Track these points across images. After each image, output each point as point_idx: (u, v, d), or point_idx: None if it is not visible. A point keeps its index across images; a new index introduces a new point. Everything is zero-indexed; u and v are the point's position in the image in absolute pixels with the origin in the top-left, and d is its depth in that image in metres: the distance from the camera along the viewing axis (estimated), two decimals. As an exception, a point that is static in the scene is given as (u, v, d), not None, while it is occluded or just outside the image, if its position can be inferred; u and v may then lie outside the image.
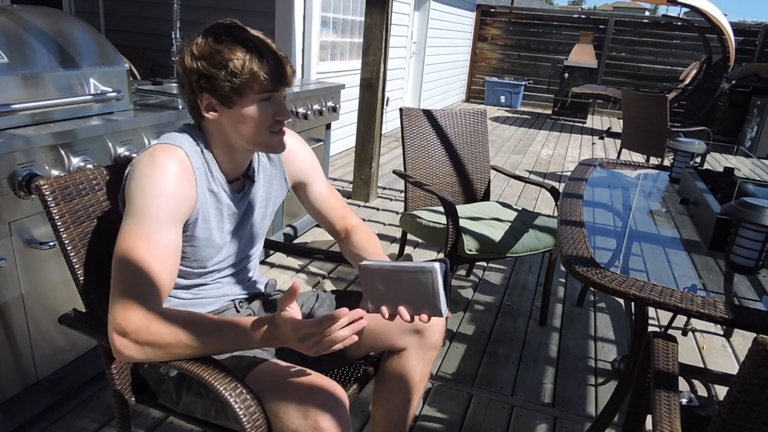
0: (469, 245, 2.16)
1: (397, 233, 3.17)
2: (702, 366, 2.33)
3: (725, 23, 7.67)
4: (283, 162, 1.33)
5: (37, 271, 1.66)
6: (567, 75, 9.46)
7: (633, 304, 1.58)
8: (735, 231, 1.41)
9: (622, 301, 2.85)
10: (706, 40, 8.35)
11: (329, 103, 3.32)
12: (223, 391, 1.00)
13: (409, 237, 2.62)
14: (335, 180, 4.78)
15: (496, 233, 2.27)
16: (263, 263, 3.01)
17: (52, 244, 1.64)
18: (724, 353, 2.44)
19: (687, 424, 1.22)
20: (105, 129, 1.78)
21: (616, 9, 25.12)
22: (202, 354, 1.04)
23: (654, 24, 10.21)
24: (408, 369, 1.34)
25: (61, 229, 1.16)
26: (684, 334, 2.55)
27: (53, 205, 1.16)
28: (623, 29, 10.07)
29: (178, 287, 1.23)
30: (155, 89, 2.53)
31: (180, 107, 2.14)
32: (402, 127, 2.59)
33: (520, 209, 2.66)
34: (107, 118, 1.85)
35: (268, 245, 1.57)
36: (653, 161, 5.16)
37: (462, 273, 3.05)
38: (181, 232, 1.11)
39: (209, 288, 1.27)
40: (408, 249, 2.71)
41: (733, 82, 7.98)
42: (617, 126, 8.72)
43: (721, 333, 2.59)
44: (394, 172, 2.66)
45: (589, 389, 2.15)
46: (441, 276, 1.03)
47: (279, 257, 3.09)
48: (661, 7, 10.33)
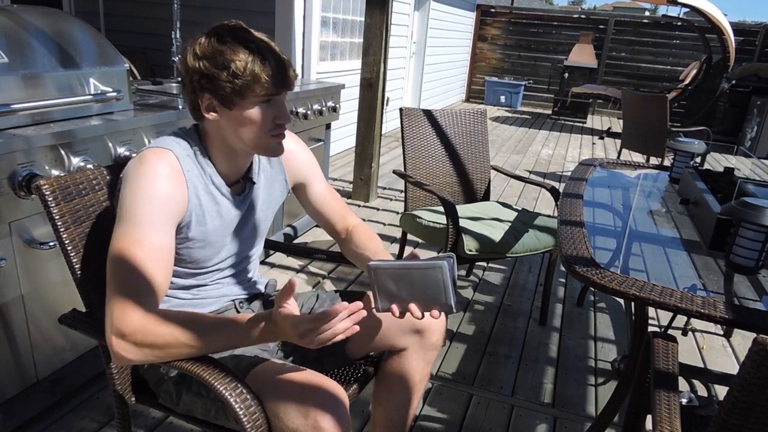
0: (469, 245, 2.16)
1: (397, 233, 3.17)
2: (702, 366, 2.33)
3: (725, 23, 7.67)
4: (283, 164, 1.33)
5: (37, 271, 1.66)
6: (567, 75, 9.46)
7: (633, 304, 1.58)
8: (735, 231, 1.41)
9: (622, 301, 2.85)
10: (706, 40, 8.35)
11: (329, 103, 3.32)
12: (223, 391, 1.01)
13: (409, 237, 2.62)
14: (335, 180, 4.78)
15: (496, 233, 2.27)
16: (263, 263, 3.01)
17: (52, 244, 1.64)
18: (724, 353, 2.44)
19: (687, 424, 1.22)
20: (105, 129, 1.78)
21: (616, 9, 25.13)
22: (201, 353, 1.04)
23: (654, 24, 10.22)
24: (408, 369, 1.34)
25: (61, 229, 1.17)
26: (684, 334, 2.55)
27: (53, 205, 1.16)
28: (623, 29, 10.07)
29: (177, 287, 1.23)
30: (155, 89, 2.53)
31: (180, 107, 2.13)
32: (402, 127, 2.59)
33: (520, 209, 2.66)
34: (107, 118, 1.85)
35: (268, 245, 1.57)
36: (653, 161, 5.16)
37: (462, 273, 3.05)
38: (174, 234, 1.11)
39: (209, 288, 1.27)
40: (408, 249, 2.71)
41: (733, 82, 7.98)
42: (617, 126, 8.72)
43: (721, 333, 2.59)
44: (394, 172, 2.66)
45: (589, 389, 2.15)
46: (449, 272, 1.03)
47: (279, 257, 3.09)
48: (661, 7, 10.33)
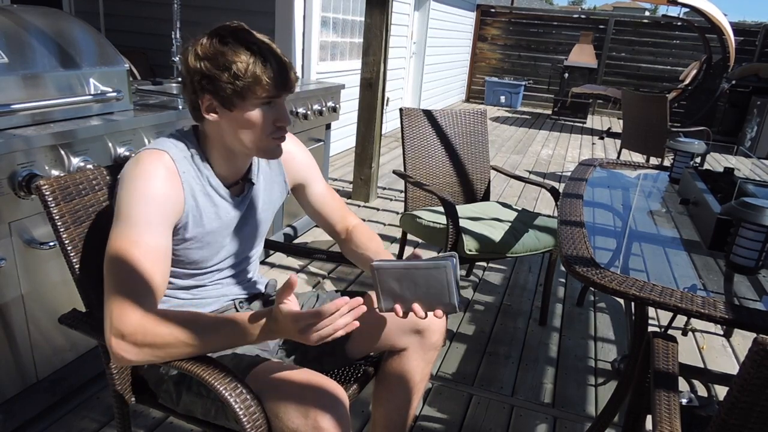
0: (469, 245, 2.16)
1: (397, 233, 3.17)
2: (702, 366, 2.33)
3: (725, 23, 7.67)
4: (282, 165, 1.33)
5: (37, 271, 1.66)
6: (567, 75, 9.46)
7: (633, 304, 1.58)
8: (735, 231, 1.41)
9: (622, 301, 2.85)
10: (706, 40, 8.35)
11: (329, 103, 3.32)
12: (223, 391, 1.01)
13: (409, 237, 2.62)
14: (335, 180, 4.78)
15: (496, 233, 2.27)
16: (263, 263, 3.01)
17: (52, 244, 1.64)
18: (724, 353, 2.44)
19: (687, 424, 1.22)
20: (105, 129, 1.78)
21: (616, 9, 25.13)
22: (201, 352, 1.04)
23: (654, 24, 10.22)
24: (408, 369, 1.34)
25: (61, 229, 1.17)
26: (684, 334, 2.55)
27: (53, 205, 1.16)
28: (623, 29, 10.07)
29: (177, 288, 1.23)
30: (155, 89, 2.53)
31: (180, 107, 2.13)
32: (402, 127, 2.59)
33: (520, 209, 2.66)
34: (107, 118, 1.85)
35: (268, 245, 1.57)
36: (653, 161, 5.16)
37: (462, 273, 3.05)
38: (171, 235, 1.11)
39: (209, 288, 1.27)
40: (408, 249, 2.71)
41: (733, 82, 7.98)
42: (617, 126, 8.72)
43: (721, 333, 2.59)
44: (394, 172, 2.66)
45: (589, 389, 2.15)
46: (453, 271, 1.03)
47: (279, 257, 3.09)
48: (661, 7, 10.33)
